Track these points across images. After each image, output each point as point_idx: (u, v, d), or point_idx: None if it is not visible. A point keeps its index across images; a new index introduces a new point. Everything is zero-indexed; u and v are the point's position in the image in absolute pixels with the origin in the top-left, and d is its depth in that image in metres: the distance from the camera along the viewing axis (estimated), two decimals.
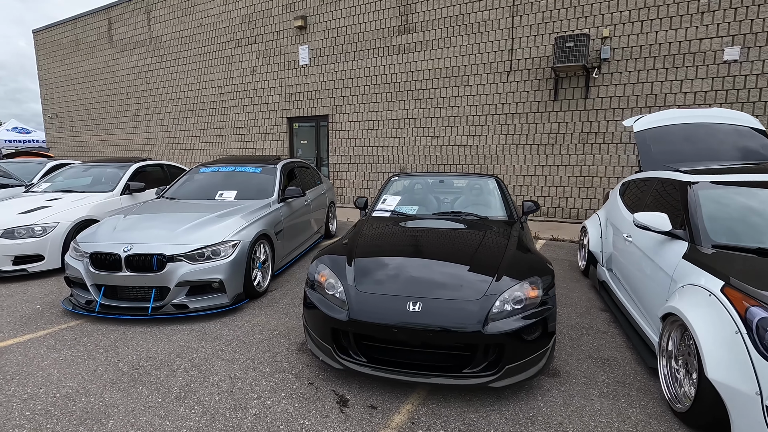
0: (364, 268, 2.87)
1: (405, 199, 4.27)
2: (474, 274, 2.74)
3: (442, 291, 2.59)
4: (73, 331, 3.55)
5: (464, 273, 2.77)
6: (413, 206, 4.15)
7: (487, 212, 4.01)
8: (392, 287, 2.65)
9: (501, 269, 2.77)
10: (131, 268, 3.71)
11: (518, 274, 2.73)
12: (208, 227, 4.06)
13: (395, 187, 4.49)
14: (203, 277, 3.77)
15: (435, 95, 9.50)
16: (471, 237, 3.33)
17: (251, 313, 3.94)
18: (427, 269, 2.83)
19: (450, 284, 2.65)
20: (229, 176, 5.50)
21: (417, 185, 4.55)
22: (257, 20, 11.88)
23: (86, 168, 6.86)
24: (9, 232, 4.89)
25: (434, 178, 4.58)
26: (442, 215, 3.95)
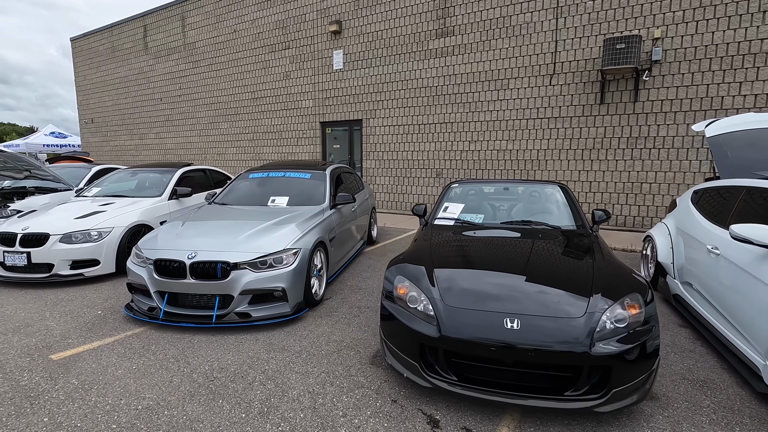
0: (447, 281, 2.75)
1: (468, 206, 4.14)
2: (566, 289, 2.59)
3: (538, 307, 2.44)
4: (140, 339, 3.52)
5: (556, 288, 2.62)
6: (478, 214, 4.01)
7: (556, 221, 3.85)
8: (484, 302, 2.52)
9: (595, 285, 2.61)
10: (195, 275, 3.67)
11: (614, 289, 2.57)
12: (269, 234, 4.01)
13: (455, 194, 4.36)
14: (266, 286, 3.71)
15: (473, 99, 9.34)
16: (551, 249, 3.18)
17: (312, 323, 3.85)
18: (515, 283, 2.68)
19: (545, 300, 2.50)
20: (278, 182, 5.46)
21: (479, 192, 4.41)
22: (291, 26, 11.95)
23: (133, 173, 6.95)
24: (67, 236, 4.95)
25: (497, 185, 4.43)
26: (510, 224, 3.80)
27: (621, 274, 2.79)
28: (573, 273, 2.77)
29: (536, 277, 2.75)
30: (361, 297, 4.56)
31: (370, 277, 5.31)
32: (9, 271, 4.96)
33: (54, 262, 4.87)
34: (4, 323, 3.86)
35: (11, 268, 4.92)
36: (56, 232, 4.92)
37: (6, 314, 4.09)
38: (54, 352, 3.27)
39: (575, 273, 2.76)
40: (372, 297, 4.55)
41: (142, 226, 5.60)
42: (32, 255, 4.83)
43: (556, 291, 2.59)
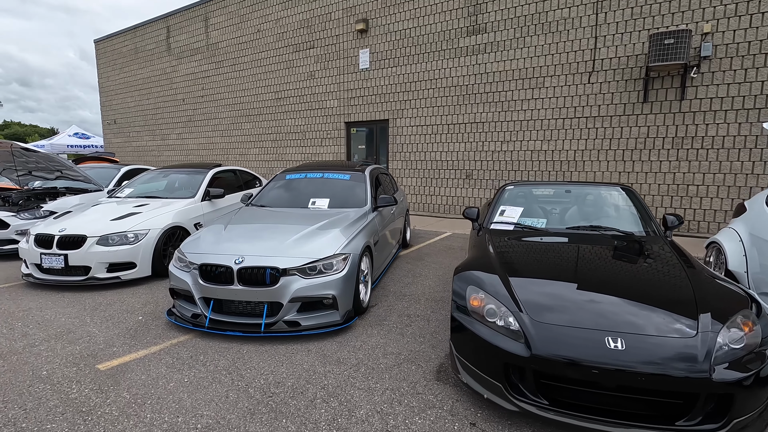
0: (529, 293, 2.51)
1: (527, 210, 3.89)
2: (669, 305, 2.33)
3: (643, 326, 2.19)
4: (186, 348, 3.35)
5: (655, 302, 2.36)
6: (539, 219, 3.76)
7: (627, 227, 3.58)
8: (578, 319, 2.28)
9: (699, 300, 2.34)
10: (243, 281, 3.49)
11: (722, 305, 2.31)
12: (317, 239, 3.81)
13: (511, 197, 4.12)
14: (317, 293, 3.51)
15: (506, 98, 9.06)
16: (633, 257, 2.91)
17: (363, 333, 3.64)
18: (607, 297, 2.43)
19: (648, 318, 2.25)
20: (317, 183, 5.28)
21: (536, 195, 4.16)
22: (316, 25, 11.81)
23: (164, 173, 6.84)
24: (104, 238, 4.83)
25: (556, 186, 4.17)
26: (577, 229, 3.54)
27: (721, 287, 2.52)
28: (670, 286, 2.51)
29: (629, 290, 2.49)
30: (408, 304, 4.34)
31: (412, 282, 5.09)
32: (45, 273, 4.86)
33: (91, 265, 4.76)
34: (45, 329, 3.73)
35: (48, 270, 4.83)
36: (93, 234, 4.81)
37: (46, 319, 3.97)
38: (100, 362, 3.12)
39: (672, 286, 2.50)
40: (419, 305, 4.33)
41: (177, 228, 5.47)
42: (69, 257, 4.73)
43: (656, 306, 2.34)
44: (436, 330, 3.69)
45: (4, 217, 6.19)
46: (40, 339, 3.52)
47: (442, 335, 3.58)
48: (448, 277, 5.31)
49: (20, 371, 2.98)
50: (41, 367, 3.05)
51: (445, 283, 5.04)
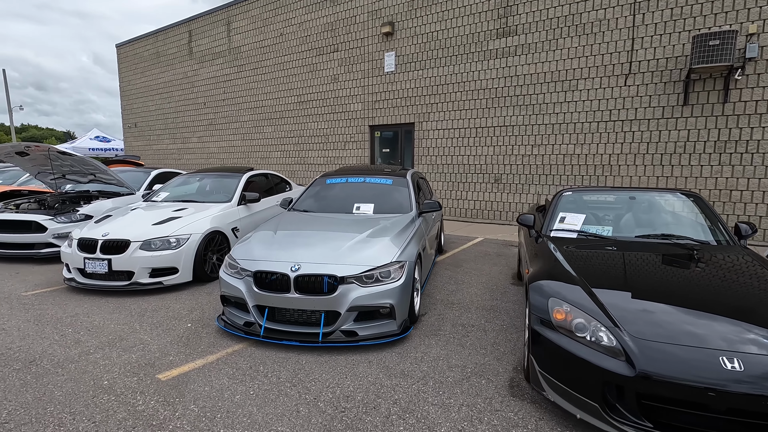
0: (621, 307, 2.38)
1: (589, 217, 3.75)
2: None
3: (760, 344, 2.04)
4: (243, 358, 3.27)
5: (761, 319, 2.21)
6: (603, 226, 3.62)
7: (700, 235, 3.42)
8: (684, 336, 2.14)
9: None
10: (299, 289, 3.40)
11: None
12: (371, 246, 3.71)
13: (570, 203, 3.98)
14: (375, 302, 3.40)
15: (537, 101, 8.90)
16: (718, 268, 2.76)
17: (421, 344, 3.53)
18: (708, 313, 2.29)
19: (760, 336, 2.10)
20: (359, 188, 5.19)
21: (596, 201, 4.01)
22: (340, 28, 11.78)
23: (200, 177, 6.81)
24: (147, 243, 4.79)
25: (618, 193, 4.02)
26: (647, 238, 3.39)
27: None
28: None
29: (728, 305, 2.35)
30: (459, 313, 4.22)
31: (457, 290, 4.96)
32: (89, 278, 4.83)
33: (134, 270, 4.72)
34: (97, 335, 3.68)
35: (91, 275, 4.79)
36: (137, 238, 4.77)
37: (95, 325, 3.92)
38: (160, 371, 3.05)
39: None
40: (470, 314, 4.20)
41: (216, 233, 5.42)
42: (113, 262, 4.69)
43: (763, 322, 2.19)
44: (496, 341, 3.56)
45: (42, 220, 6.20)
46: (93, 346, 3.46)
47: (503, 347, 3.45)
48: (493, 284, 5.17)
49: (81, 380, 2.92)
50: (101, 376, 2.98)
51: (492, 291, 4.90)
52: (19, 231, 6.26)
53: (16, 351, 3.38)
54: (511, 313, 4.21)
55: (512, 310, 4.29)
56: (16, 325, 3.93)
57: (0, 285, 5.20)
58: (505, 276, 5.56)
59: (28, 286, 5.16)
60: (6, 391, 2.77)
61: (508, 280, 5.39)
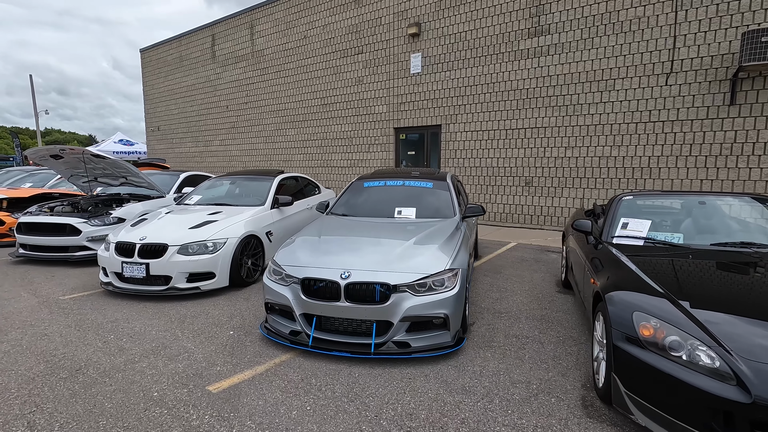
0: (725, 325, 2.16)
1: (654, 223, 3.52)
2: None
3: None
4: (293, 369, 3.13)
5: None
6: (673, 233, 3.39)
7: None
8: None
9: None
10: (350, 297, 3.25)
11: None
12: (422, 253, 3.54)
13: (631, 208, 3.75)
14: (429, 312, 3.23)
15: (571, 102, 8.64)
16: None
17: (476, 356, 3.34)
18: None
19: None
20: (398, 191, 5.03)
21: (661, 206, 3.78)
22: (365, 30, 11.68)
23: (232, 180, 6.75)
24: (184, 248, 4.71)
25: (684, 197, 3.77)
26: (725, 245, 3.15)
27: None
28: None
29: None
30: (509, 323, 4.02)
31: (501, 298, 4.76)
32: (126, 282, 4.76)
33: (172, 275, 4.64)
34: (140, 342, 3.58)
35: (129, 279, 4.73)
36: (174, 242, 4.69)
37: (137, 331, 3.83)
38: (209, 383, 2.92)
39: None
40: (521, 324, 3.99)
41: (252, 237, 5.32)
42: (151, 266, 4.62)
43: None
44: (556, 354, 3.36)
45: (76, 223, 6.20)
46: (137, 354, 3.37)
47: (565, 361, 3.25)
48: (538, 292, 4.96)
49: (130, 391, 2.81)
50: (150, 387, 2.87)
51: (539, 300, 4.68)
52: (54, 234, 6.27)
53: (60, 358, 3.30)
54: (564, 324, 3.99)
55: (565, 321, 4.07)
56: (57, 330, 3.87)
57: (37, 288, 5.18)
58: (548, 283, 5.33)
59: (65, 289, 5.13)
60: (56, 402, 2.68)
61: (553, 287, 5.16)
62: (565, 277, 4.99)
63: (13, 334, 3.78)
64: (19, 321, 4.09)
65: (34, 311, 4.37)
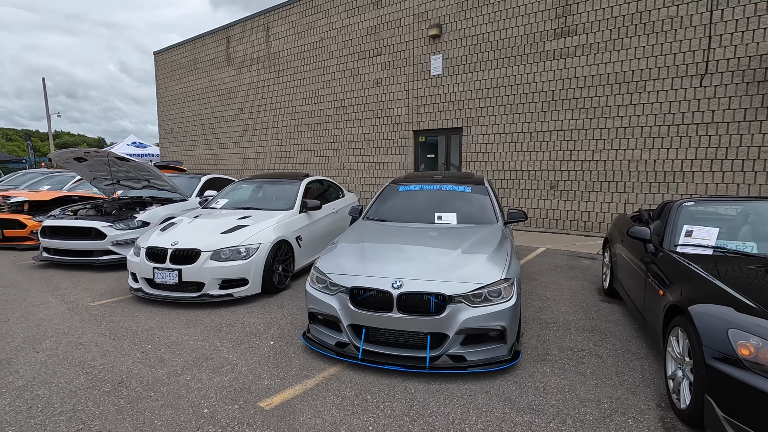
0: None
1: (723, 232, 3.32)
2: None
3: None
4: (344, 383, 2.97)
5: None
6: (745, 242, 3.20)
7: None
8: None
9: None
10: (402, 308, 3.09)
11: None
12: (474, 261, 3.37)
13: (692, 215, 3.56)
14: (486, 324, 3.06)
15: (598, 104, 8.45)
16: None
17: (534, 371, 3.16)
18: None
19: None
20: (436, 195, 4.87)
21: (726, 213, 3.59)
22: (384, 31, 11.56)
23: (257, 183, 6.62)
24: (217, 253, 4.57)
25: (750, 204, 3.58)
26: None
27: None
28: None
29: None
30: (559, 334, 3.83)
31: (544, 307, 4.58)
32: (157, 288, 4.64)
33: (205, 281, 4.50)
34: (179, 353, 3.45)
35: (160, 285, 4.60)
36: (207, 248, 4.56)
37: (173, 341, 3.69)
38: (260, 398, 2.77)
39: None
40: (571, 334, 3.81)
41: (283, 242, 5.18)
42: (183, 272, 4.48)
43: None
44: (619, 370, 3.17)
45: (101, 227, 6.10)
46: (179, 366, 3.23)
47: (630, 377, 3.06)
48: (581, 301, 4.77)
49: (179, 407, 2.67)
50: (199, 402, 2.73)
51: (584, 309, 4.50)
52: (79, 238, 6.17)
53: (100, 369, 3.17)
54: (618, 336, 3.81)
55: (618, 332, 3.89)
56: (92, 339, 3.74)
57: (65, 294, 5.08)
58: (589, 291, 5.14)
59: (94, 295, 5.02)
60: (103, 419, 2.54)
61: (595, 295, 4.97)
62: (610, 285, 4.80)
63: (47, 342, 3.66)
64: (52, 329, 3.98)
65: (65, 318, 4.25)
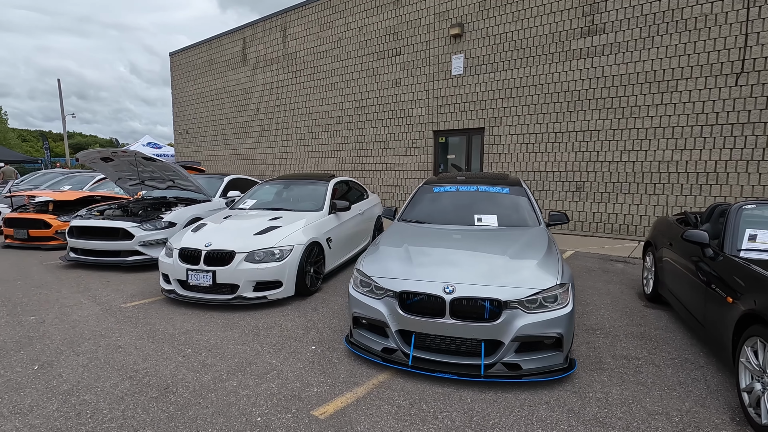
0: None
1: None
2: None
3: None
4: (395, 391, 2.86)
5: None
6: None
7: None
8: None
9: None
10: (455, 314, 2.98)
11: None
12: (526, 265, 3.25)
13: (753, 218, 3.40)
14: (542, 332, 2.94)
15: (627, 104, 8.26)
16: None
17: (591, 379, 3.03)
18: None
19: None
20: (473, 197, 4.74)
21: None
22: (403, 31, 11.46)
23: (284, 184, 6.54)
24: (251, 255, 4.50)
25: None
26: None
27: None
28: None
29: None
30: (609, 341, 3.69)
31: (586, 312, 4.43)
32: (191, 290, 4.57)
33: (239, 283, 4.43)
34: (221, 358, 3.36)
35: (194, 287, 4.53)
36: (241, 249, 4.49)
37: (213, 344, 3.62)
38: (312, 406, 2.68)
39: None
40: (621, 342, 3.67)
41: (315, 244, 5.09)
42: (217, 274, 4.41)
43: None
44: (681, 380, 3.03)
45: (129, 227, 6.06)
46: (223, 371, 3.14)
47: (695, 388, 2.92)
48: (623, 306, 4.61)
49: (230, 415, 2.58)
50: (250, 410, 2.64)
51: (629, 315, 4.35)
52: (107, 238, 6.14)
53: (143, 374, 3.10)
54: (671, 343, 3.66)
55: (670, 340, 3.74)
56: (130, 342, 3.68)
57: (96, 295, 5.03)
58: (629, 296, 4.98)
59: (125, 296, 4.97)
60: (155, 427, 2.46)
61: (636, 300, 4.82)
62: (654, 290, 4.64)
63: (86, 345, 3.60)
64: (88, 331, 3.92)
65: (100, 320, 4.20)
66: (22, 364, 3.24)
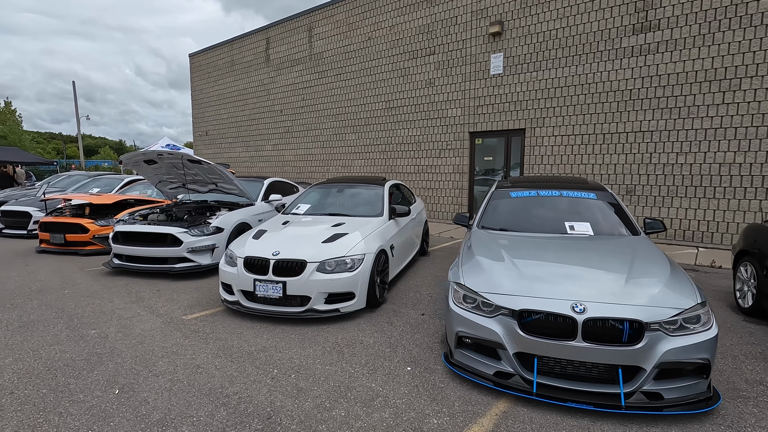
0: None
1: None
2: None
3: None
4: (524, 423, 2.55)
5: None
6: None
7: None
8: None
9: None
10: (587, 336, 2.66)
11: None
12: (656, 282, 2.93)
13: None
14: (689, 357, 2.61)
15: (684, 103, 7.90)
16: None
17: (736, 411, 2.70)
18: None
19: None
20: (557, 203, 4.43)
21: None
22: (438, 30, 11.16)
23: (337, 188, 6.26)
24: (322, 265, 4.20)
25: None
26: None
27: None
28: None
29: None
30: (729, 362, 3.36)
31: None
32: (257, 302, 4.28)
33: (311, 295, 4.13)
34: (313, 380, 3.06)
35: (261, 299, 4.24)
36: (312, 259, 4.19)
37: (298, 364, 3.32)
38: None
39: None
40: (743, 363, 3.33)
41: (382, 252, 4.79)
42: (288, 285, 4.12)
43: None
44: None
45: (177, 233, 5.80)
46: (323, 397, 2.84)
47: None
48: (721, 320, 4.27)
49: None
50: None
51: (734, 332, 4.00)
52: (154, 244, 5.89)
53: (236, 400, 2.80)
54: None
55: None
56: (208, 360, 3.39)
57: (151, 305, 4.76)
58: (720, 309, 4.63)
59: (182, 307, 4.69)
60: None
61: (733, 314, 4.46)
62: (756, 303, 4.29)
63: (161, 364, 3.32)
64: (158, 347, 3.64)
65: (165, 335, 3.92)
66: (101, 388, 2.96)
